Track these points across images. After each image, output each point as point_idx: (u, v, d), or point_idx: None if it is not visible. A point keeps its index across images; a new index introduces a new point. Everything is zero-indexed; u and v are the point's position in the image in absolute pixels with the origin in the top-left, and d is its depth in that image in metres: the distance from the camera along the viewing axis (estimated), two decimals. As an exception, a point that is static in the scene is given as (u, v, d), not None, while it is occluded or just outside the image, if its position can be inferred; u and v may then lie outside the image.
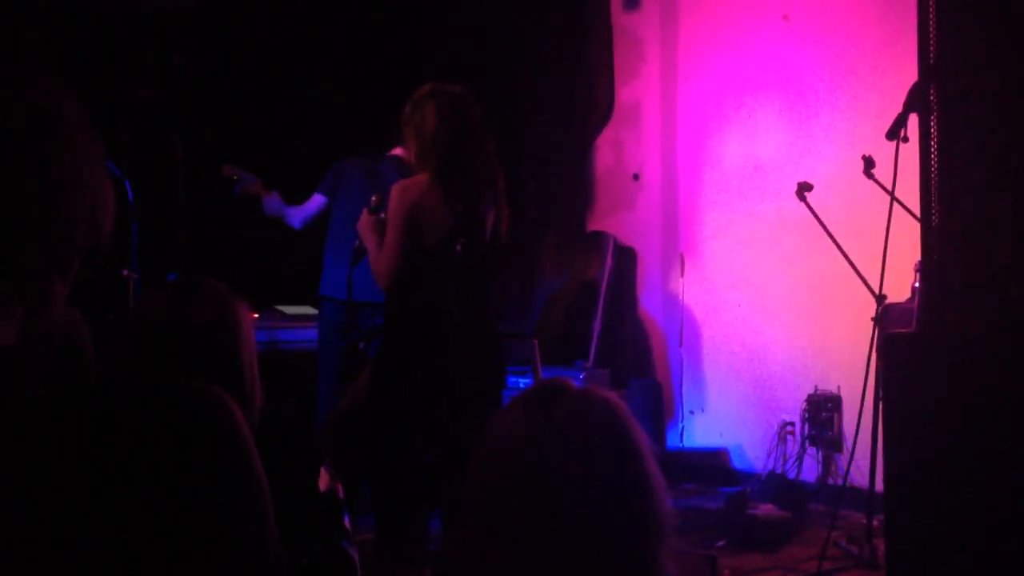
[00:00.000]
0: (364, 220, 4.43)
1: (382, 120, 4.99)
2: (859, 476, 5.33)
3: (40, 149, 1.17)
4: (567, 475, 1.44)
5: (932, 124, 2.96)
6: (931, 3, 2.93)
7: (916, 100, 2.96)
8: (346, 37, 6.86)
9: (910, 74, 3.22)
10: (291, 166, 5.96)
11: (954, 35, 2.94)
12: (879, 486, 3.98)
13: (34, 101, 1.20)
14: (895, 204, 4.40)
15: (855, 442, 5.03)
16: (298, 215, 5.57)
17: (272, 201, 5.63)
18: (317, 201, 5.54)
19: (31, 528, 1.06)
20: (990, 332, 2.91)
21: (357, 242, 4.52)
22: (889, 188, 4.32)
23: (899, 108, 3.53)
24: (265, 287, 5.93)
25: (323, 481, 2.18)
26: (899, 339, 3.19)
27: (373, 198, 4.44)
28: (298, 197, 5.61)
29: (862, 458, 4.99)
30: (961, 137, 2.97)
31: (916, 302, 3.23)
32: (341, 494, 2.21)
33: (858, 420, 4.77)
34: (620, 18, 7.46)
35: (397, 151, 5.55)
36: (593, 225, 7.63)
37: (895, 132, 3.53)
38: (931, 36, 2.93)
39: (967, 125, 2.95)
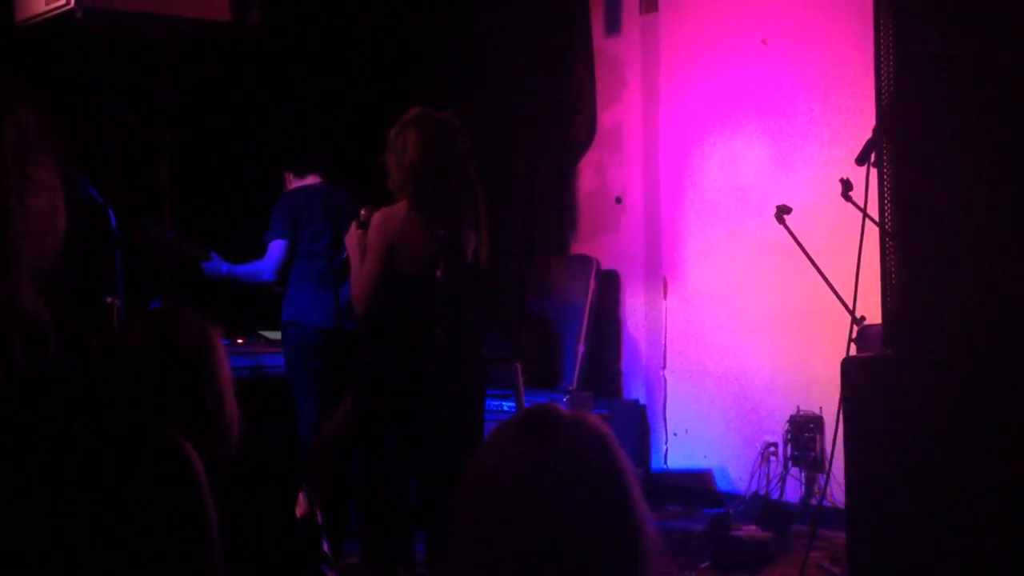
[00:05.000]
0: (352, 234, 4.48)
1: (366, 144, 5.01)
2: (841, 496, 5.36)
3: None
4: (557, 500, 1.45)
5: (891, 148, 3.02)
6: (887, 31, 3.00)
7: (879, 126, 3.02)
8: (331, 65, 6.90)
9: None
10: (280, 190, 5.97)
11: (909, 61, 3.00)
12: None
13: None
14: (875, 229, 4.44)
15: (831, 461, 5.06)
16: (267, 268, 5.53)
17: (212, 265, 5.63)
18: (280, 246, 5.50)
19: None
20: (946, 353, 2.96)
21: (345, 254, 4.57)
22: (867, 212, 4.37)
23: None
24: (249, 313, 5.95)
25: (300, 507, 2.21)
26: (857, 363, 3.24)
27: (362, 212, 4.48)
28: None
29: (844, 478, 5.02)
30: (918, 160, 3.03)
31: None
32: (320, 519, 2.23)
33: (834, 440, 4.81)
34: (602, 43, 7.52)
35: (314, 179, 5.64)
36: (576, 248, 7.67)
37: (865, 157, 3.58)
38: (888, 64, 2.99)
39: (923, 148, 3.01)
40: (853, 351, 4.50)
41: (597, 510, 1.46)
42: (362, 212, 4.49)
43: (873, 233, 4.48)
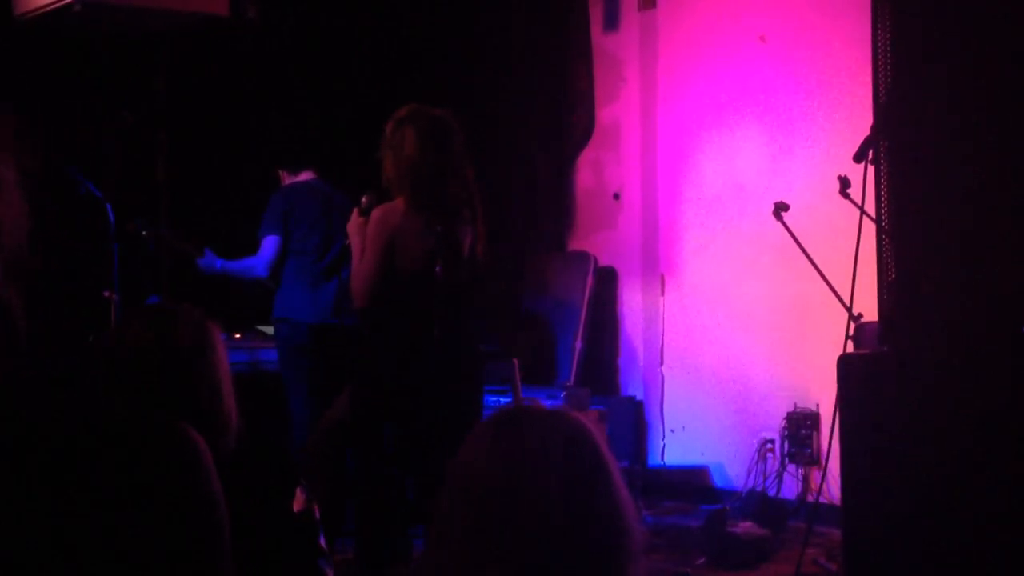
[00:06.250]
0: (354, 221, 4.48)
1: (365, 143, 5.02)
2: (837, 492, 5.36)
3: None
4: (536, 496, 1.46)
5: (889, 146, 3.03)
6: (885, 28, 3.00)
7: (876, 124, 3.03)
8: (330, 63, 6.90)
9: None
10: (276, 187, 5.97)
11: (907, 59, 3.01)
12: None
13: None
14: (873, 226, 4.45)
15: (827, 458, 5.07)
16: (260, 264, 5.53)
17: (206, 261, 5.62)
18: (272, 242, 5.51)
19: None
20: (942, 351, 2.97)
21: (347, 240, 4.57)
22: (864, 209, 4.38)
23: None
24: (246, 308, 5.95)
25: (298, 502, 2.21)
26: (853, 360, 3.25)
27: (363, 199, 4.48)
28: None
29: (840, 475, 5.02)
30: (916, 158, 3.03)
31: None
32: (317, 514, 2.24)
33: (830, 437, 4.81)
34: (600, 40, 7.52)
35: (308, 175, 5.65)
36: (574, 245, 7.67)
37: (863, 155, 3.58)
38: (885, 63, 3.00)
39: (921, 146, 3.02)
40: (850, 348, 4.50)
41: (573, 504, 1.46)
42: (363, 199, 4.49)
43: (870, 230, 4.49)
